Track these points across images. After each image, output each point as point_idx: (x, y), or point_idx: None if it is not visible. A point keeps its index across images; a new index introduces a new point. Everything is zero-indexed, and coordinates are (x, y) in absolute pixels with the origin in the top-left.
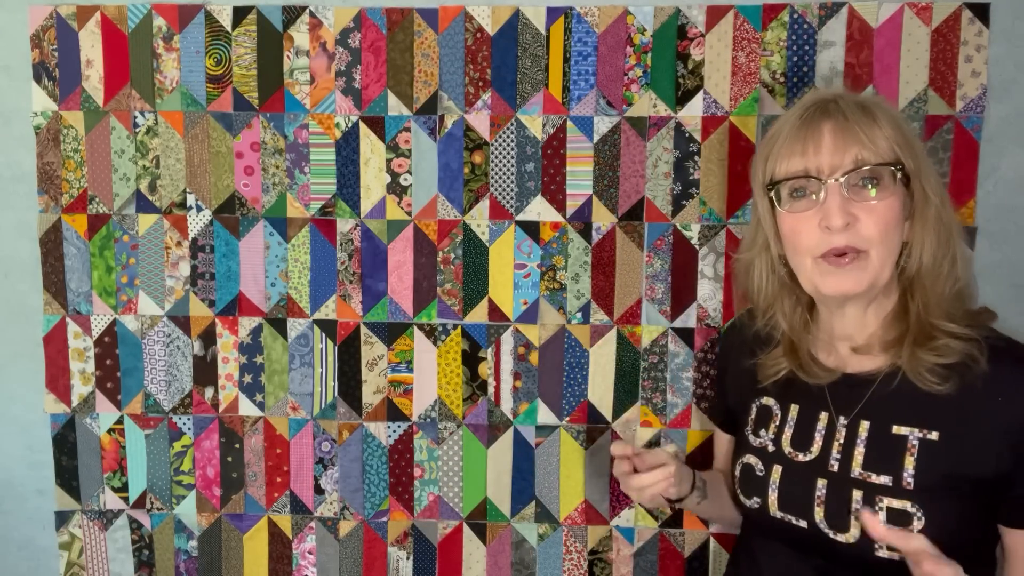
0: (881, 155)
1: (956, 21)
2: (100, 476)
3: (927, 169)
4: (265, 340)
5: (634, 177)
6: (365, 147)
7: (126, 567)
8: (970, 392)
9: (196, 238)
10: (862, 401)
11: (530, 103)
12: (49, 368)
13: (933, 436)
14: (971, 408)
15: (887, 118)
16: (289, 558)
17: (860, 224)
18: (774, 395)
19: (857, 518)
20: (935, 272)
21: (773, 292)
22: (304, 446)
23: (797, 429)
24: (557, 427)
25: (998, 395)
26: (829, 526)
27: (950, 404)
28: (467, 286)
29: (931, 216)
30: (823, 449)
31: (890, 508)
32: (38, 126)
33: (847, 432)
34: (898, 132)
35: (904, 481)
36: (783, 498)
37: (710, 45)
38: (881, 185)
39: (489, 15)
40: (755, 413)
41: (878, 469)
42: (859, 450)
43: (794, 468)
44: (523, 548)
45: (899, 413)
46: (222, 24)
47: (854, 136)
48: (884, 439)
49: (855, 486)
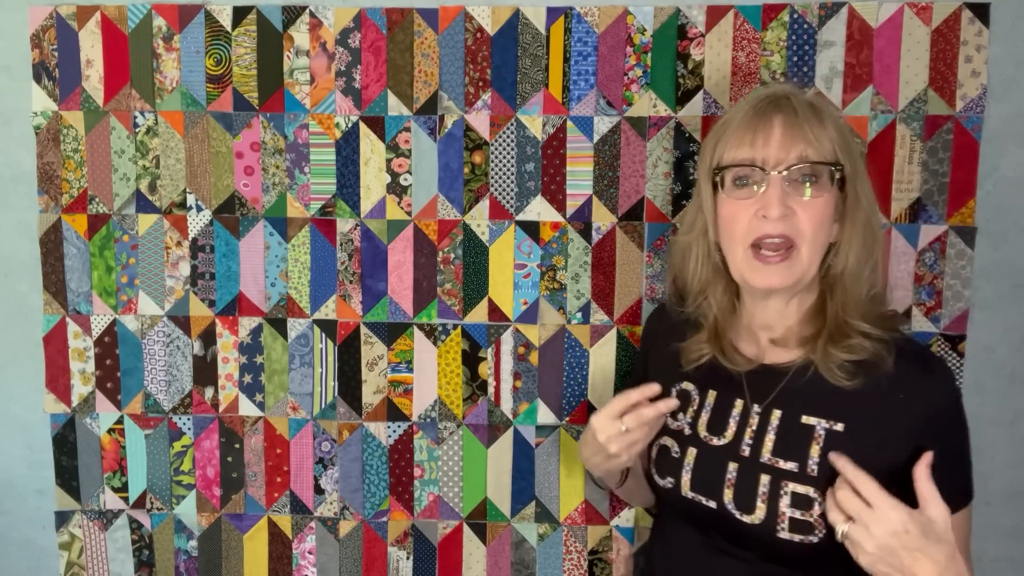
0: (823, 154)
1: (956, 21)
2: (100, 476)
3: (862, 175)
4: (265, 340)
5: (634, 177)
6: (365, 147)
7: (126, 567)
8: (876, 389)
9: (196, 238)
10: (775, 391)
11: (530, 103)
12: (49, 368)
13: (839, 427)
14: (875, 403)
15: (832, 121)
16: (289, 558)
17: (796, 218)
18: (694, 380)
19: (761, 500)
20: (857, 274)
21: (707, 277)
22: (304, 446)
23: (713, 414)
24: (557, 427)
25: (900, 392)
26: (736, 507)
27: (856, 398)
28: (467, 286)
29: (860, 220)
30: (736, 434)
31: (794, 493)
32: (38, 126)
33: (760, 419)
34: (840, 135)
35: (809, 468)
36: (695, 479)
37: (710, 45)
38: (819, 184)
39: (489, 15)
40: (674, 396)
41: (786, 456)
42: (770, 437)
43: (708, 451)
44: (523, 548)
45: (809, 404)
46: (222, 24)
47: (802, 133)
48: (793, 428)
49: (763, 471)
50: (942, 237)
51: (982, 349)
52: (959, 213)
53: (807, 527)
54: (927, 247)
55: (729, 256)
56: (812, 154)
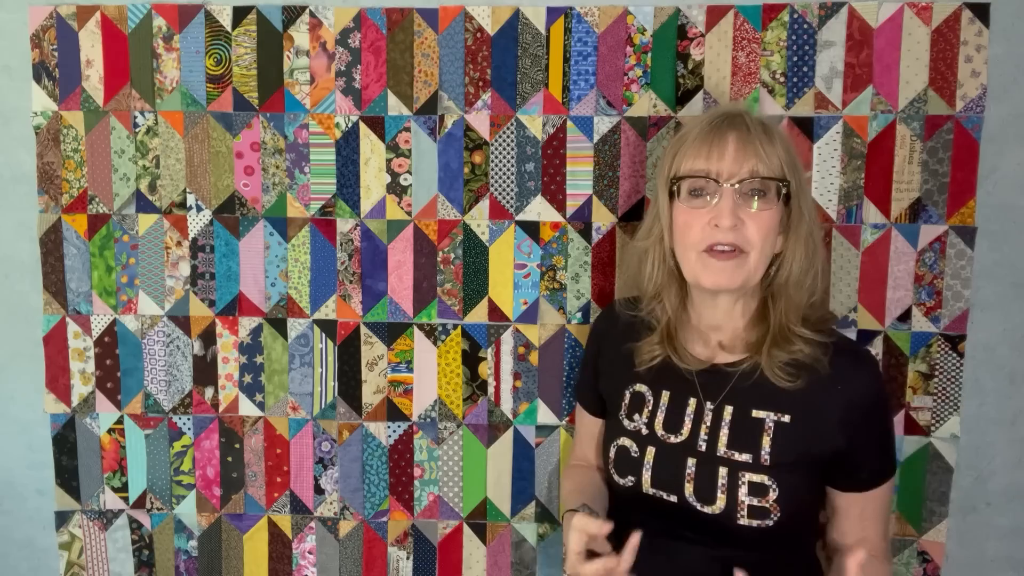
0: (772, 170)
1: (956, 21)
2: (100, 476)
3: (805, 192)
4: (265, 340)
5: (634, 177)
6: (365, 147)
7: (126, 567)
8: (816, 383)
9: (196, 238)
10: (727, 389)
11: (530, 103)
12: (49, 368)
13: (786, 419)
14: (817, 395)
15: (780, 140)
16: (289, 558)
17: (744, 228)
18: (647, 382)
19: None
20: (799, 283)
21: (662, 280)
22: (304, 446)
23: (669, 413)
24: (557, 427)
25: (837, 384)
26: (697, 500)
27: (800, 392)
28: (467, 286)
29: (803, 233)
30: (692, 431)
31: (751, 482)
32: (38, 126)
33: (713, 416)
34: (788, 154)
35: (762, 458)
36: (655, 476)
37: (710, 45)
38: (766, 198)
39: (489, 15)
40: (629, 399)
41: (740, 448)
42: (723, 432)
43: (666, 449)
44: (523, 548)
45: (758, 399)
46: (222, 24)
47: (754, 149)
48: (745, 422)
49: (721, 463)
50: (942, 237)
51: (982, 349)
52: (959, 213)
53: (763, 512)
54: (927, 247)
55: (683, 261)
56: (762, 169)
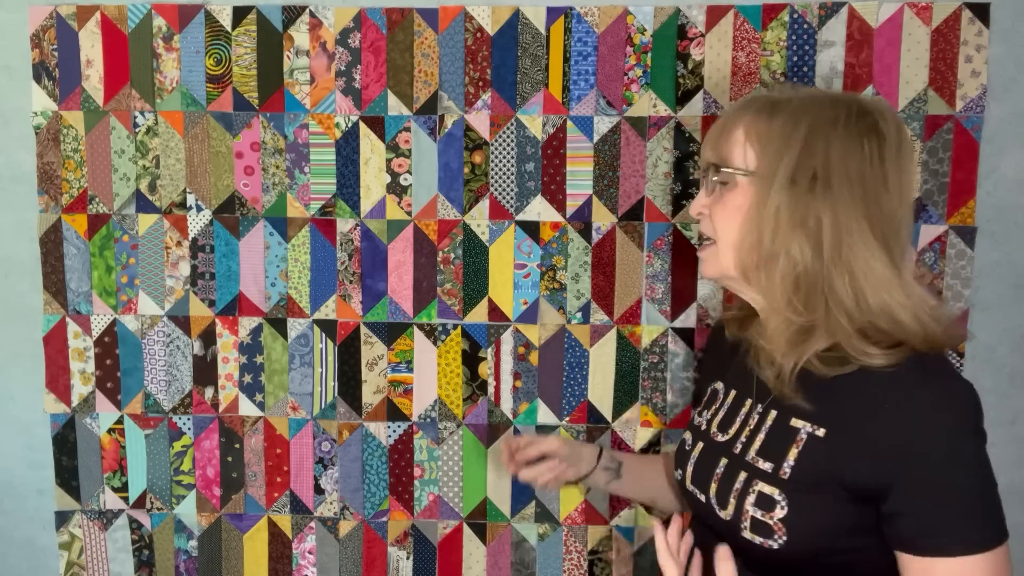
0: (720, 155)
1: (956, 21)
2: (100, 476)
3: (796, 178)
4: (265, 340)
5: (634, 177)
6: (365, 147)
7: (126, 567)
8: (867, 398)
9: (196, 238)
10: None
11: (530, 103)
12: (49, 368)
13: (820, 433)
14: (863, 413)
15: (782, 118)
16: (289, 558)
17: (711, 216)
18: (725, 380)
19: (735, 498)
20: (815, 285)
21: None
22: (304, 446)
23: (727, 412)
24: (557, 427)
25: (886, 404)
26: (716, 502)
27: (846, 405)
28: (467, 286)
29: (771, 218)
30: (737, 432)
31: (760, 492)
32: (38, 126)
33: (758, 419)
34: (780, 133)
35: (782, 470)
36: (695, 473)
37: (710, 45)
38: (726, 185)
39: (489, 15)
40: (708, 394)
41: (766, 455)
42: (760, 437)
43: (710, 446)
44: (523, 548)
45: (800, 408)
46: (222, 24)
47: (718, 133)
48: (782, 429)
49: (744, 468)
50: (942, 237)
51: (982, 349)
52: (959, 213)
53: (767, 529)
54: (927, 247)
55: None
56: (712, 156)
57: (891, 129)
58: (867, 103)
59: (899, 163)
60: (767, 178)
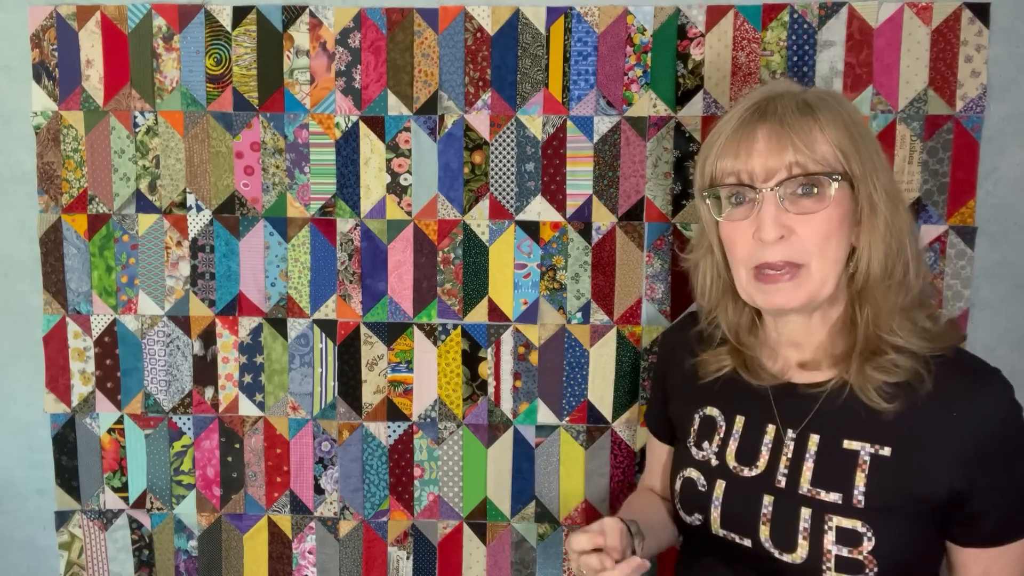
0: (819, 162)
1: (956, 21)
2: (100, 476)
3: (878, 172)
4: (265, 340)
5: (634, 177)
6: (365, 147)
7: (126, 567)
8: (925, 408)
9: (196, 238)
10: (811, 413)
11: (530, 103)
12: (49, 368)
13: (885, 452)
14: (926, 423)
15: (831, 117)
16: (289, 558)
17: (796, 236)
18: (719, 405)
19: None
20: (884, 283)
21: (717, 295)
22: (304, 446)
23: (743, 442)
24: (557, 427)
25: (952, 410)
26: (775, 545)
27: (905, 419)
28: (467, 286)
29: (880, 224)
30: (770, 464)
31: (840, 527)
32: (38, 126)
33: (796, 446)
34: (843, 133)
35: (855, 499)
36: (726, 515)
37: (710, 45)
38: (820, 194)
39: (489, 15)
40: (698, 424)
41: (827, 486)
42: (807, 465)
43: (739, 484)
44: (523, 548)
45: (850, 427)
46: (222, 24)
47: (789, 141)
48: (834, 454)
49: (804, 503)
50: (942, 237)
51: (982, 349)
52: (959, 213)
53: (856, 566)
54: (927, 247)
55: (736, 277)
56: (805, 162)
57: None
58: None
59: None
60: (866, 179)
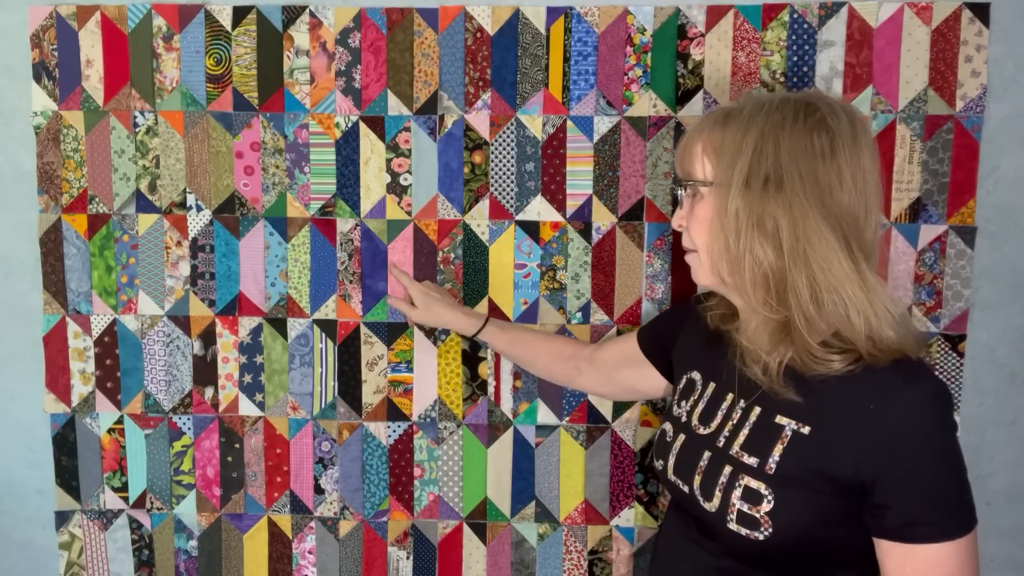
0: (686, 170)
1: (956, 21)
2: (100, 476)
3: (785, 177)
4: (265, 340)
5: (634, 177)
6: (365, 147)
7: (126, 567)
8: (850, 397)
9: (196, 238)
10: (761, 389)
11: (530, 103)
12: (49, 368)
13: (805, 431)
14: (846, 410)
15: (728, 133)
16: (289, 558)
17: (689, 228)
18: (701, 369)
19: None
20: (793, 295)
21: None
22: (304, 446)
23: (707, 405)
24: (557, 427)
25: (871, 402)
26: (701, 494)
27: (831, 403)
28: (467, 286)
29: (731, 226)
30: (719, 426)
31: (747, 487)
32: (38, 126)
33: (742, 414)
34: (730, 146)
35: (767, 466)
36: (677, 463)
37: (710, 45)
38: (696, 197)
39: (489, 15)
40: (683, 384)
41: (751, 451)
42: (744, 432)
43: (693, 439)
44: (523, 548)
45: (785, 405)
46: (222, 24)
47: (682, 150)
48: (767, 426)
49: (728, 462)
50: (942, 237)
51: (982, 349)
52: (959, 213)
53: (753, 522)
54: (927, 247)
55: None
56: (679, 172)
57: (842, 123)
58: (817, 100)
59: (855, 156)
60: (724, 186)
